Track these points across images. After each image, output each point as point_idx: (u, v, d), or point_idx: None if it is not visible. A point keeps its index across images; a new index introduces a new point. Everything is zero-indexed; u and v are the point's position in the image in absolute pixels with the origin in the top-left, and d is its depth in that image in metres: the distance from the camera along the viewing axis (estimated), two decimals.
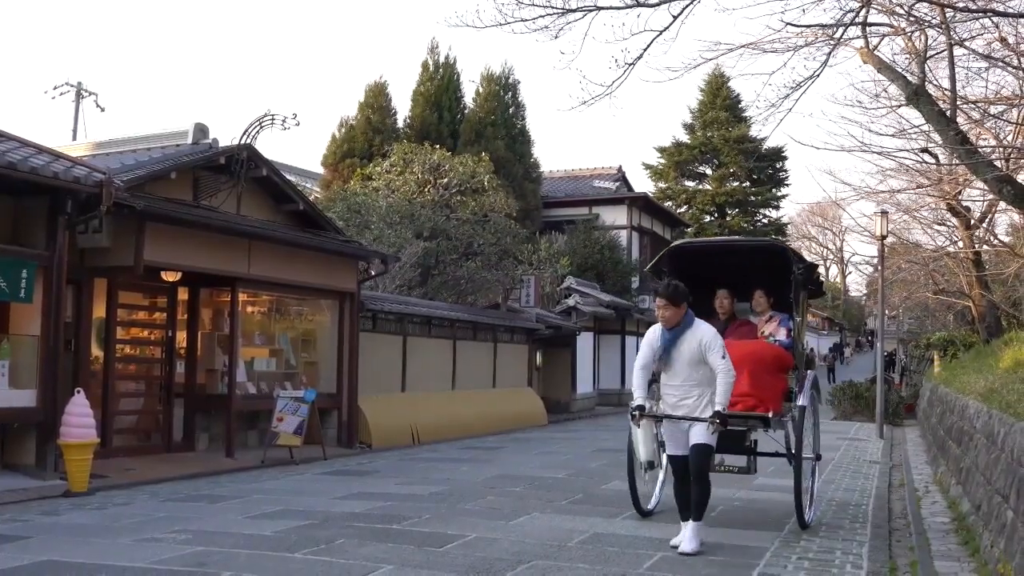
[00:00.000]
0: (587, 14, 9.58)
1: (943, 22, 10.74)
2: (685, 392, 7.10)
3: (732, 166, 40.96)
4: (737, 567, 6.54)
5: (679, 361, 7.08)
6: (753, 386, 7.81)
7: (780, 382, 8.19)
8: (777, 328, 8.51)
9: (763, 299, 8.67)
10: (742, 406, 7.67)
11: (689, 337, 7.04)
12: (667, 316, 7.08)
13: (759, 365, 7.98)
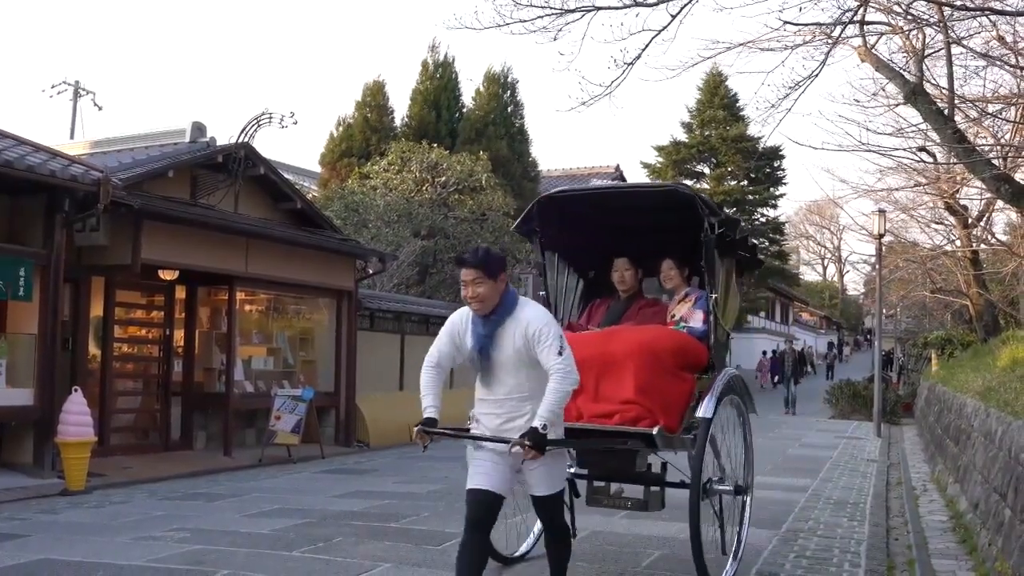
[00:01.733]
0: (585, 14, 9.58)
1: (941, 21, 10.75)
2: (512, 410, 4.68)
3: (730, 165, 40.87)
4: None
5: (500, 364, 4.66)
6: (640, 390, 5.37)
7: (681, 385, 5.61)
8: (691, 311, 5.99)
9: (673, 271, 6.23)
10: (620, 418, 5.30)
11: (512, 327, 4.61)
12: (480, 295, 4.57)
13: (650, 361, 5.49)
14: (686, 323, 5.97)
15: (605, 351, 5.52)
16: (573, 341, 5.06)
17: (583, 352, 5.11)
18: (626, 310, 6.27)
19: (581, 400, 5.31)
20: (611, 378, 5.46)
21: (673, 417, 5.45)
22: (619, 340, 5.59)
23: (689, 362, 5.71)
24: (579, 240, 6.55)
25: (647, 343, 5.57)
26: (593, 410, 5.40)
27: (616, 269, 6.31)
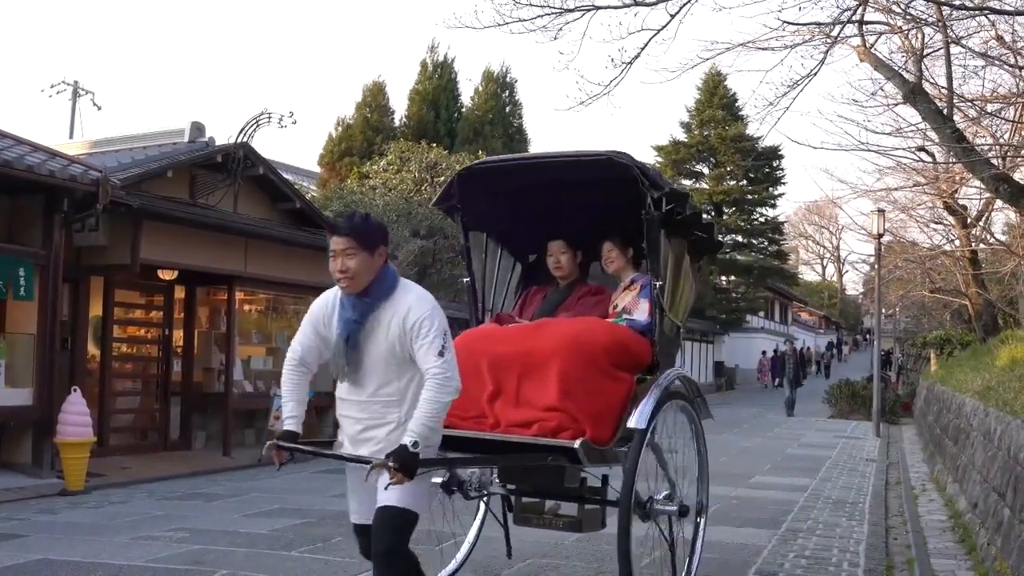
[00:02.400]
0: (585, 14, 9.58)
1: (940, 20, 10.74)
2: (375, 416, 3.82)
3: (729, 164, 40.93)
4: (734, 564, 6.55)
5: (369, 358, 3.79)
6: (564, 394, 4.48)
7: (617, 387, 4.70)
8: (636, 301, 5.14)
9: (614, 252, 5.35)
10: (539, 428, 4.44)
11: (387, 313, 3.75)
12: (350, 270, 3.72)
13: (579, 359, 4.59)
14: (629, 315, 5.08)
15: (528, 347, 4.63)
16: (492, 336, 4.78)
17: (503, 348, 4.63)
18: (564, 300, 5.38)
19: (500, 405, 4.56)
20: (534, 379, 4.54)
21: (605, 426, 4.52)
22: (545, 335, 4.69)
23: (628, 360, 4.80)
24: (513, 220, 5.71)
25: (576, 338, 4.62)
26: (512, 417, 4.52)
27: (551, 253, 5.42)
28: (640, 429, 4.53)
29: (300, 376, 3.96)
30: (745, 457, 14.33)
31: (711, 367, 41.93)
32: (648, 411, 4.59)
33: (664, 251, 5.01)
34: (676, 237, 5.20)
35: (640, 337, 4.95)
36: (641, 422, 4.55)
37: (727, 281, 44.18)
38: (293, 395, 3.98)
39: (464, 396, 4.02)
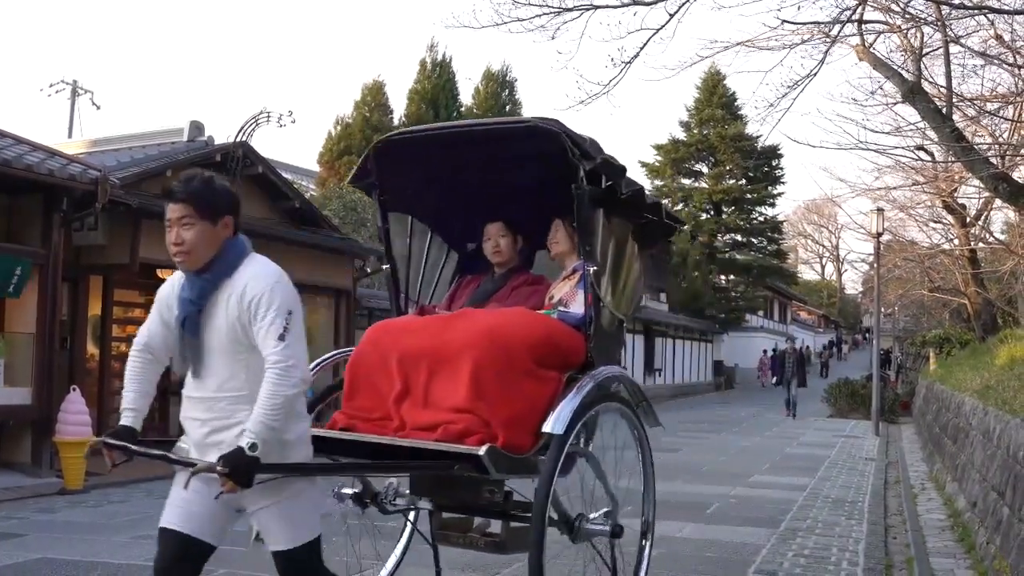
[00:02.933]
0: (583, 13, 9.60)
1: (939, 19, 10.75)
2: (223, 414, 3.20)
3: (728, 164, 40.97)
4: (733, 564, 6.55)
5: (211, 345, 3.21)
6: (475, 395, 3.86)
7: (540, 388, 4.02)
8: (574, 291, 4.50)
9: (561, 233, 4.69)
10: (443, 432, 3.80)
11: (226, 291, 3.20)
12: (186, 243, 3.23)
13: (495, 355, 3.94)
14: (565, 307, 4.44)
15: (441, 341, 4.00)
16: (405, 329, 4.15)
17: (414, 342, 4.03)
18: (497, 290, 4.75)
19: (408, 406, 3.95)
20: (444, 377, 3.93)
21: (523, 432, 3.83)
22: (460, 327, 4.04)
23: (556, 357, 4.12)
24: (445, 202, 5.06)
25: (493, 331, 3.96)
26: (418, 419, 3.88)
27: (488, 236, 4.80)
28: (558, 435, 3.78)
29: (144, 363, 3.38)
30: (744, 456, 14.34)
31: (710, 366, 41.97)
32: (568, 414, 3.85)
33: (602, 233, 4.37)
34: (618, 218, 4.53)
35: (573, 331, 4.28)
36: (558, 426, 3.81)
37: (726, 280, 44.21)
38: (133, 384, 3.38)
39: (371, 395, 3.98)
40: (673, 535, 7.53)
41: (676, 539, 7.40)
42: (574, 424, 3.87)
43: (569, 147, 4.14)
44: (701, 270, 39.24)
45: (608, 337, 4.53)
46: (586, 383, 4.08)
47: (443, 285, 5.24)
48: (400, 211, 5.01)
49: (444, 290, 5.22)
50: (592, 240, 4.33)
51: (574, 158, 4.15)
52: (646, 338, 32.81)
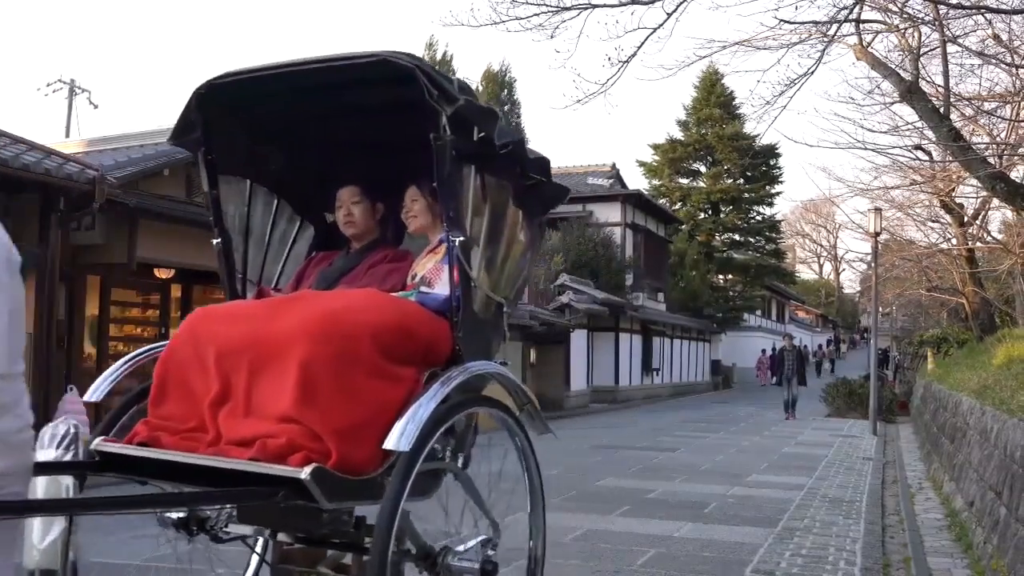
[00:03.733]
0: (581, 12, 9.59)
1: (936, 19, 10.76)
2: None
3: (726, 163, 41.01)
4: (731, 563, 6.55)
5: None
6: (302, 400, 3.02)
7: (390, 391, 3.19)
8: (439, 268, 3.73)
9: (418, 203, 3.88)
10: (259, 449, 2.93)
11: None
12: None
13: (330, 349, 3.08)
14: (428, 287, 3.66)
15: (267, 331, 3.14)
16: (228, 315, 3.34)
17: (236, 332, 3.18)
18: (352, 268, 3.95)
19: (226, 414, 3.09)
20: (269, 376, 3.09)
21: (366, 445, 3.00)
22: (292, 313, 3.19)
23: (412, 350, 3.30)
24: (293, 162, 4.20)
25: (329, 318, 3.10)
26: (237, 431, 3.04)
27: (340, 203, 4.02)
28: (404, 452, 2.94)
29: None
30: (742, 456, 14.35)
31: (708, 366, 42.01)
32: (417, 424, 3.00)
33: (472, 195, 3.58)
34: (494, 177, 3.73)
35: (435, 317, 3.44)
36: (404, 442, 2.94)
37: (724, 280, 44.24)
38: None
39: (182, 400, 3.15)
40: (671, 535, 7.54)
41: (674, 539, 7.40)
42: (428, 437, 3.04)
43: (424, 85, 3.22)
44: (699, 269, 39.27)
45: (482, 325, 3.69)
46: (444, 383, 3.23)
47: (295, 264, 4.31)
48: (234, 173, 4.09)
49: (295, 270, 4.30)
50: (458, 204, 3.47)
51: (431, 100, 3.24)
52: (644, 338, 32.85)
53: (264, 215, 4.28)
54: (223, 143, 3.91)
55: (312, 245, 4.41)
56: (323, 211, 4.36)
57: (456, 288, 3.46)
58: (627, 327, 31.00)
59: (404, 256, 3.99)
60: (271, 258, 4.33)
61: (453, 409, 3.32)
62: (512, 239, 3.94)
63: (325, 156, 4.25)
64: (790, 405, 23.81)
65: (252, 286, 4.17)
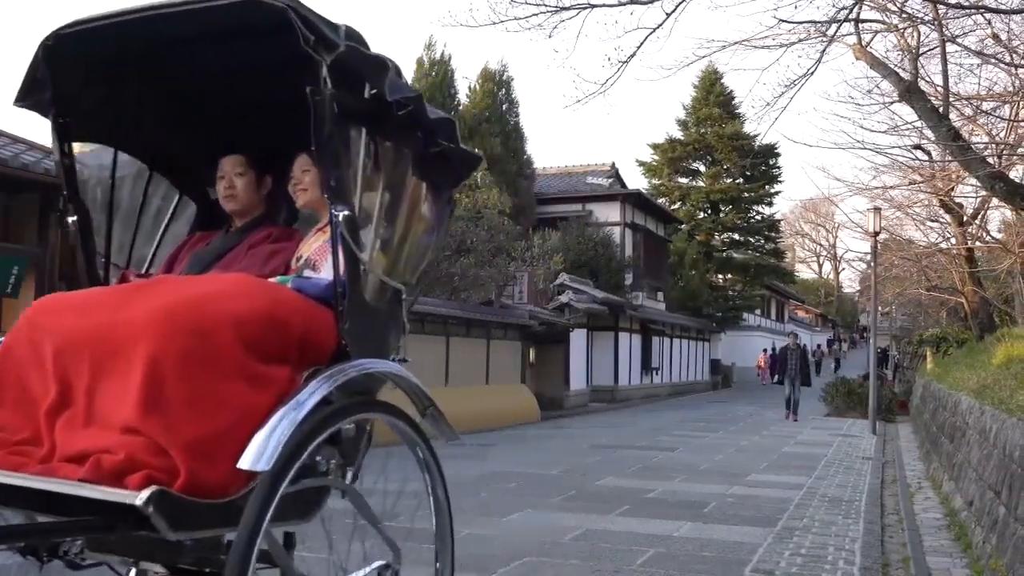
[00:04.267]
0: (580, 12, 9.60)
1: (936, 18, 10.76)
2: None
3: (726, 163, 41.02)
4: (730, 563, 6.55)
5: None
6: (147, 407, 2.45)
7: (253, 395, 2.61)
8: (325, 249, 3.20)
9: (312, 175, 3.36)
10: (91, 468, 2.36)
11: None
12: None
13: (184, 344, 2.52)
14: (314, 271, 3.21)
15: (113, 323, 2.62)
16: (73, 305, 2.79)
17: (77, 324, 2.66)
18: (231, 248, 3.44)
19: (64, 423, 2.58)
20: (113, 379, 2.56)
21: (223, 461, 2.47)
22: (144, 302, 2.65)
23: (287, 345, 2.79)
24: (166, 127, 3.63)
25: (183, 307, 2.59)
26: (73, 444, 2.52)
27: (222, 175, 3.51)
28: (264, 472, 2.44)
29: None
30: (741, 455, 14.35)
31: (707, 365, 42.03)
32: (281, 436, 2.51)
33: (360, 162, 3.06)
34: (389, 141, 3.21)
35: (315, 306, 2.94)
36: (261, 459, 2.44)
37: (723, 279, 44.26)
38: None
39: (19, 406, 2.65)
40: (670, 534, 7.54)
41: (673, 538, 7.40)
42: (297, 452, 2.54)
43: (298, 29, 2.69)
44: (698, 269, 39.29)
45: (374, 315, 3.18)
46: (319, 386, 2.73)
47: (172, 246, 3.73)
48: (92, 139, 3.54)
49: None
50: (342, 171, 2.94)
51: (307, 46, 2.72)
52: (643, 337, 32.86)
53: (133, 189, 3.72)
54: (78, 104, 3.30)
55: (194, 225, 3.84)
56: (206, 186, 3.78)
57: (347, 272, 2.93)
58: (626, 327, 31.01)
59: (291, 236, 3.47)
60: (142, 239, 3.75)
61: (333, 416, 2.78)
62: (413, 215, 3.44)
63: (206, 122, 3.65)
64: (792, 406, 22.99)
65: (117, 271, 3.59)
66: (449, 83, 30.35)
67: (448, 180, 3.65)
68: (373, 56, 2.96)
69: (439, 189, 3.56)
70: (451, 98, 30.28)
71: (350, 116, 2.95)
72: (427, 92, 29.66)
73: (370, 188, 3.14)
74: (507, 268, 23.50)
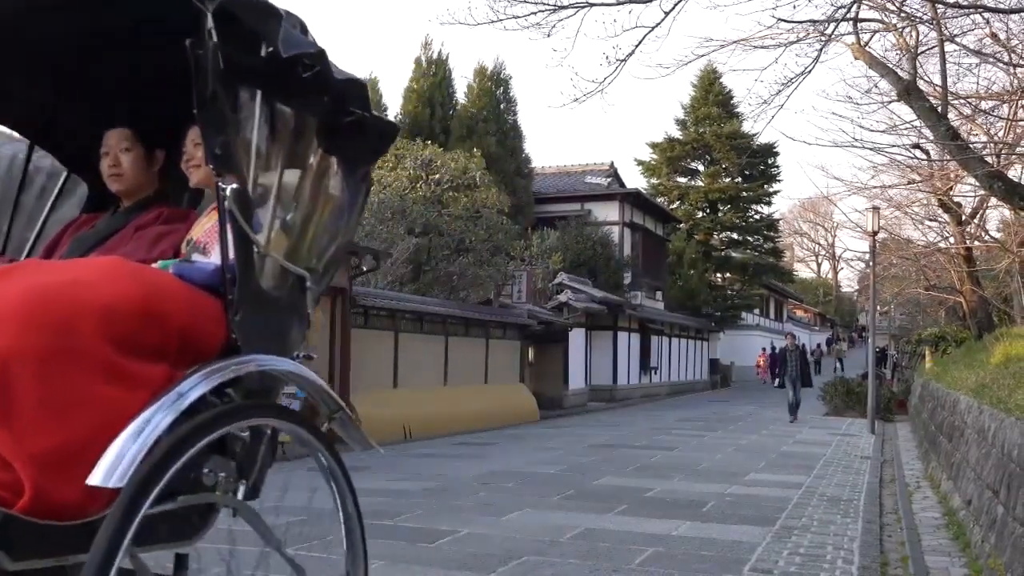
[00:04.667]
0: (579, 10, 9.60)
1: (934, 18, 10.76)
2: None
3: (724, 162, 41.00)
4: (729, 562, 6.55)
5: None
6: None
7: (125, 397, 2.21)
8: (215, 231, 2.66)
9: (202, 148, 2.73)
10: None
11: None
12: None
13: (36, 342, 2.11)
14: (204, 254, 2.82)
15: None
16: None
17: None
18: (116, 231, 3.05)
19: None
20: None
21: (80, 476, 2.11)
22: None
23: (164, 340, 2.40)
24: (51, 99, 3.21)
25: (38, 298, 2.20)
26: None
27: (106, 151, 3.12)
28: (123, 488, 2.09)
29: None
30: (740, 454, 14.36)
31: (706, 364, 42.04)
32: (141, 446, 2.16)
33: (253, 128, 2.66)
34: (287, 106, 2.82)
35: (200, 295, 2.57)
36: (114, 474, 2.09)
37: (722, 278, 44.27)
38: None
39: None
40: (669, 533, 7.54)
41: (672, 537, 7.40)
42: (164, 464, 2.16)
43: None
44: (697, 268, 39.30)
45: (272, 305, 2.80)
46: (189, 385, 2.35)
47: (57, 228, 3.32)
48: None
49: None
50: (230, 138, 2.55)
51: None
52: (642, 336, 32.86)
53: (10, 167, 3.39)
54: None
55: (85, 206, 3.42)
56: (96, 163, 3.26)
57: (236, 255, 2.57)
58: (625, 326, 31.00)
59: (185, 217, 3.06)
60: (22, 222, 3.34)
61: (214, 421, 2.38)
62: (320, 193, 3.06)
63: (96, 92, 3.17)
64: (793, 408, 22.13)
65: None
66: (447, 83, 30.34)
67: (363, 154, 3.23)
68: (265, 4, 2.56)
69: (352, 164, 3.15)
70: (449, 97, 30.28)
71: (241, 75, 2.57)
72: (426, 92, 29.67)
73: (267, 160, 2.77)
74: (506, 267, 23.52)
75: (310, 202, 3.01)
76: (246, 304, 2.60)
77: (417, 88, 29.83)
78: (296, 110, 2.85)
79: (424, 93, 29.68)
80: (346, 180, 3.12)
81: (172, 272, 2.60)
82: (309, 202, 3.00)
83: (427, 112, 29.26)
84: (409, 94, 29.98)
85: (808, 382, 22.83)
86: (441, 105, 29.81)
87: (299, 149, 2.93)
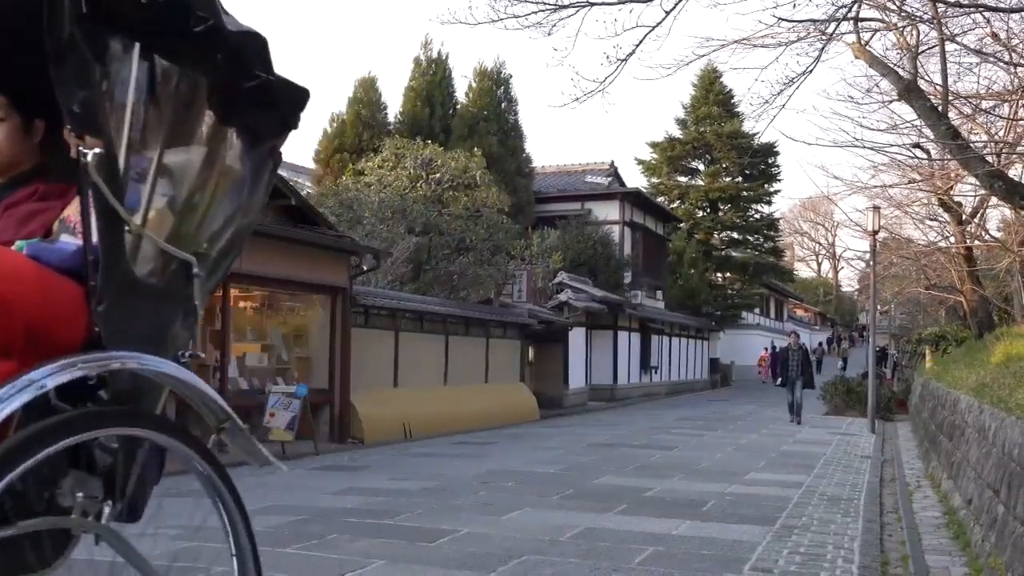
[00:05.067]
0: (580, 10, 9.59)
1: (935, 17, 10.75)
2: None
3: (725, 161, 40.97)
4: (729, 561, 6.55)
5: None
6: None
7: None
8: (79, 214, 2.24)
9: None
10: None
11: None
12: None
13: None
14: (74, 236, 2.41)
15: None
16: None
17: None
18: None
19: None
20: None
21: None
22: None
23: (11, 333, 2.07)
24: None
25: None
26: None
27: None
28: None
29: None
30: (740, 454, 14.35)
31: (706, 364, 42.03)
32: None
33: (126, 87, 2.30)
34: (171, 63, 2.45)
35: (57, 280, 2.24)
36: None
37: (723, 278, 44.25)
38: None
39: None
40: (669, 532, 7.54)
41: (672, 537, 7.40)
42: None
43: None
44: (697, 267, 39.28)
45: (147, 294, 2.45)
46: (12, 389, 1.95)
47: None
48: None
49: None
50: (91, 93, 2.16)
51: None
52: (642, 336, 32.85)
53: None
54: None
55: None
56: None
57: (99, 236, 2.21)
58: (625, 325, 30.99)
59: (62, 193, 2.56)
60: None
61: (54, 432, 2.01)
62: (213, 167, 2.70)
63: None
64: (795, 409, 21.31)
65: None
66: (447, 82, 30.33)
67: (269, 126, 2.85)
68: None
69: (254, 136, 2.79)
70: (449, 97, 30.28)
71: (109, 20, 2.18)
72: (425, 91, 29.66)
73: (145, 125, 2.39)
74: (506, 267, 23.53)
75: (200, 178, 2.64)
76: (112, 292, 2.24)
77: (417, 87, 29.82)
78: (181, 68, 2.46)
79: (424, 92, 29.67)
80: (247, 154, 2.78)
81: (26, 253, 2.26)
82: (199, 178, 2.63)
83: (427, 111, 29.24)
84: (409, 93, 29.97)
85: (810, 383, 21.97)
86: (441, 104, 29.80)
87: (187, 114, 2.57)
